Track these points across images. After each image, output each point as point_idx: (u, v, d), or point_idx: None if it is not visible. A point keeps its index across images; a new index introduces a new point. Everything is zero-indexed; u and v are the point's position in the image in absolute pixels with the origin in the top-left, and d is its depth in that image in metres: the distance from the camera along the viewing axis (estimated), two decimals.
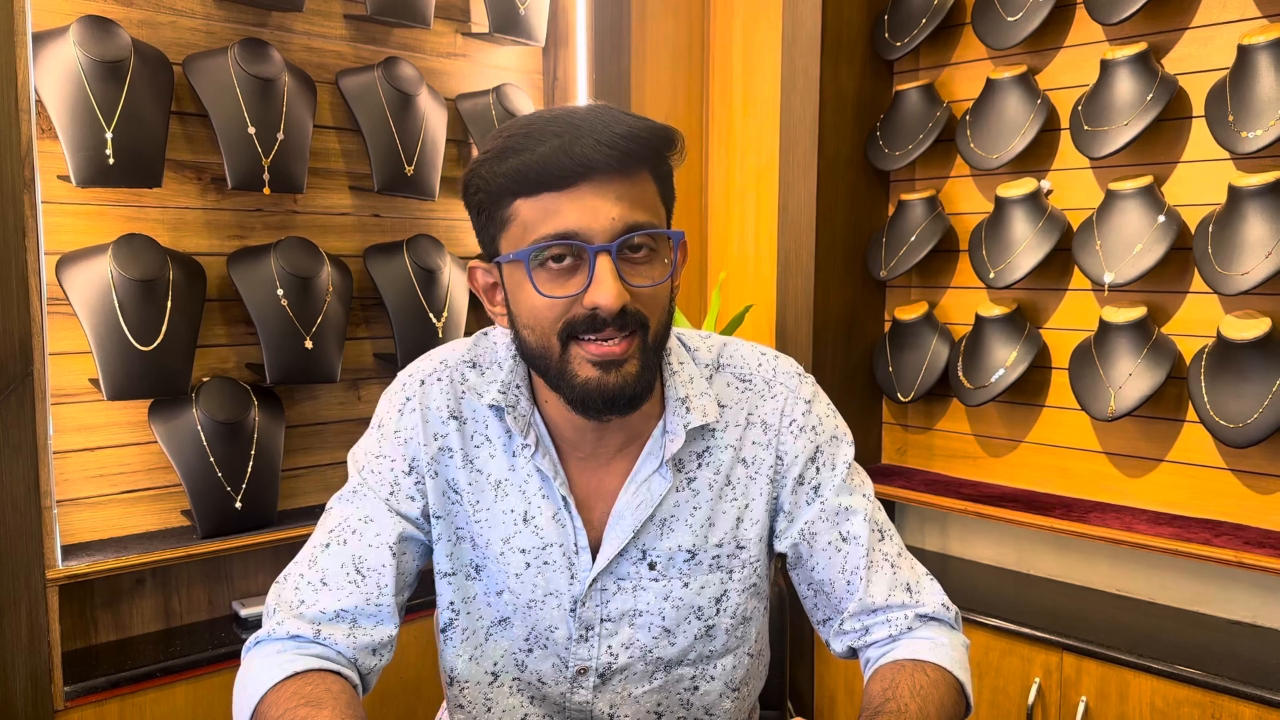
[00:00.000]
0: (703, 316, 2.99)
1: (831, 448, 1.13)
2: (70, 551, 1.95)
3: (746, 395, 1.13)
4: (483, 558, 1.11)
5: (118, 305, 1.90)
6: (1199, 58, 2.12)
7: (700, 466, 1.11)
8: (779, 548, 1.14)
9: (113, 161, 1.88)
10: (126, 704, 1.91)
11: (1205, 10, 2.11)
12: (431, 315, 2.34)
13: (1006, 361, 2.34)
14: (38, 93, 1.84)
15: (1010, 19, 2.29)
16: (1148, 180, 2.14)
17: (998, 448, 2.51)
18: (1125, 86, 2.12)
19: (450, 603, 1.13)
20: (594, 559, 1.09)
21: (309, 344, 2.12)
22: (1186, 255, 2.12)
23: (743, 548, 1.12)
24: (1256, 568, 1.89)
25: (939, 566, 2.51)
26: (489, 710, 1.15)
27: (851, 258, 2.62)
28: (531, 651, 1.12)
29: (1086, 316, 2.31)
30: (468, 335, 1.18)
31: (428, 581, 1.15)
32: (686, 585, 1.11)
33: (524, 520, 1.09)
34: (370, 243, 2.37)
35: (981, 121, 2.36)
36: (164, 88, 1.99)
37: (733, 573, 1.12)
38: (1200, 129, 2.10)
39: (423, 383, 1.12)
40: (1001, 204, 2.33)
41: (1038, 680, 2.08)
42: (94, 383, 1.95)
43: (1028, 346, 2.33)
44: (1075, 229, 2.25)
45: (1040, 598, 2.30)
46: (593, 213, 0.95)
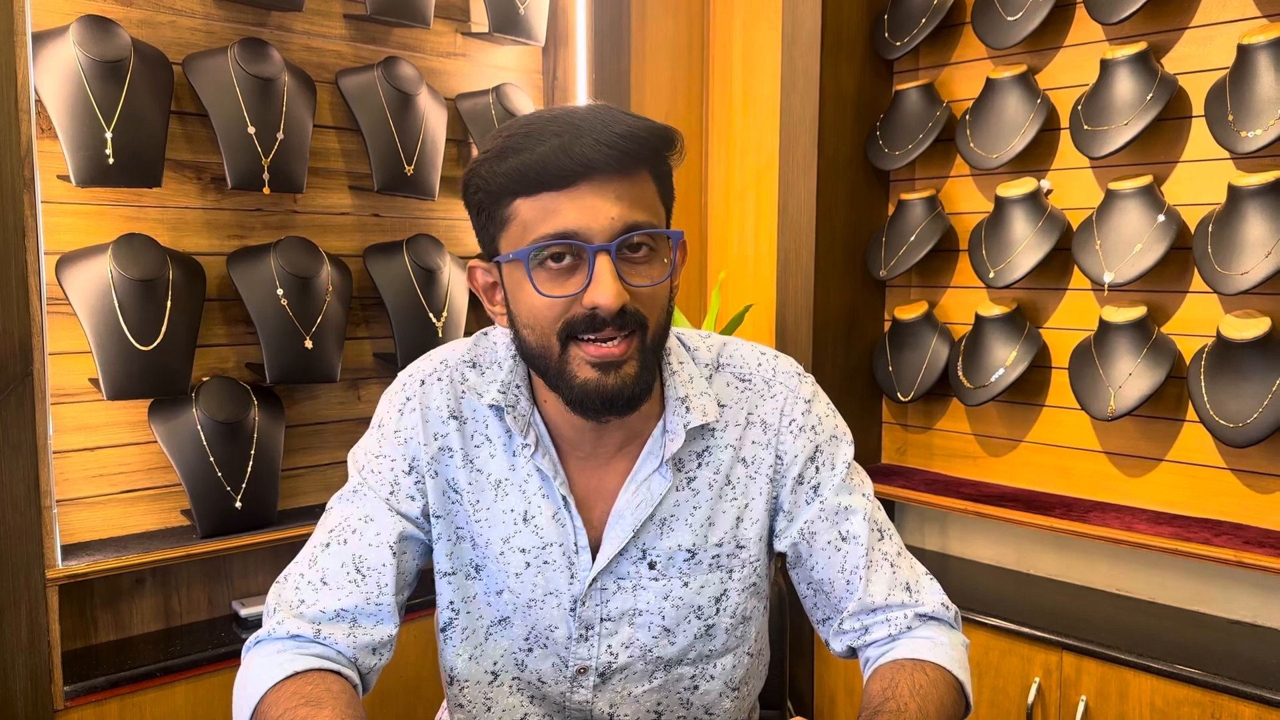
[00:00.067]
0: (702, 316, 2.99)
1: (831, 447, 1.13)
2: (70, 551, 1.95)
3: (746, 395, 1.13)
4: (483, 557, 1.11)
5: (117, 305, 1.90)
6: (1199, 57, 2.12)
7: (700, 466, 1.11)
8: (779, 547, 1.14)
9: (112, 161, 1.88)
10: (126, 704, 1.91)
11: (1205, 10, 2.11)
12: (431, 315, 2.34)
13: (1006, 361, 2.34)
14: (37, 92, 1.84)
15: (1010, 18, 2.29)
16: (1147, 180, 2.14)
17: (998, 447, 2.51)
18: (1125, 86, 2.12)
19: (450, 602, 1.13)
20: (594, 558, 1.09)
21: (309, 344, 2.12)
22: (1186, 255, 2.12)
23: (742, 547, 1.12)
24: (1256, 567, 1.89)
25: (939, 566, 2.51)
26: (489, 709, 1.15)
27: (851, 257, 2.62)
28: (531, 651, 1.12)
29: (1086, 316, 2.31)
30: (468, 335, 1.18)
31: (427, 581, 1.15)
32: (686, 585, 1.11)
33: (524, 520, 1.09)
34: (370, 242, 2.37)
35: (981, 121, 2.36)
36: (164, 87, 1.99)
37: (732, 572, 1.12)
38: (1200, 129, 2.10)
39: (423, 383, 1.12)
40: (1001, 204, 2.33)
41: (1037, 680, 2.08)
42: (94, 382, 1.95)
43: (1027, 346, 2.33)
44: (1075, 229, 2.25)
45: (1040, 597, 2.30)
46: (592, 212, 0.95)
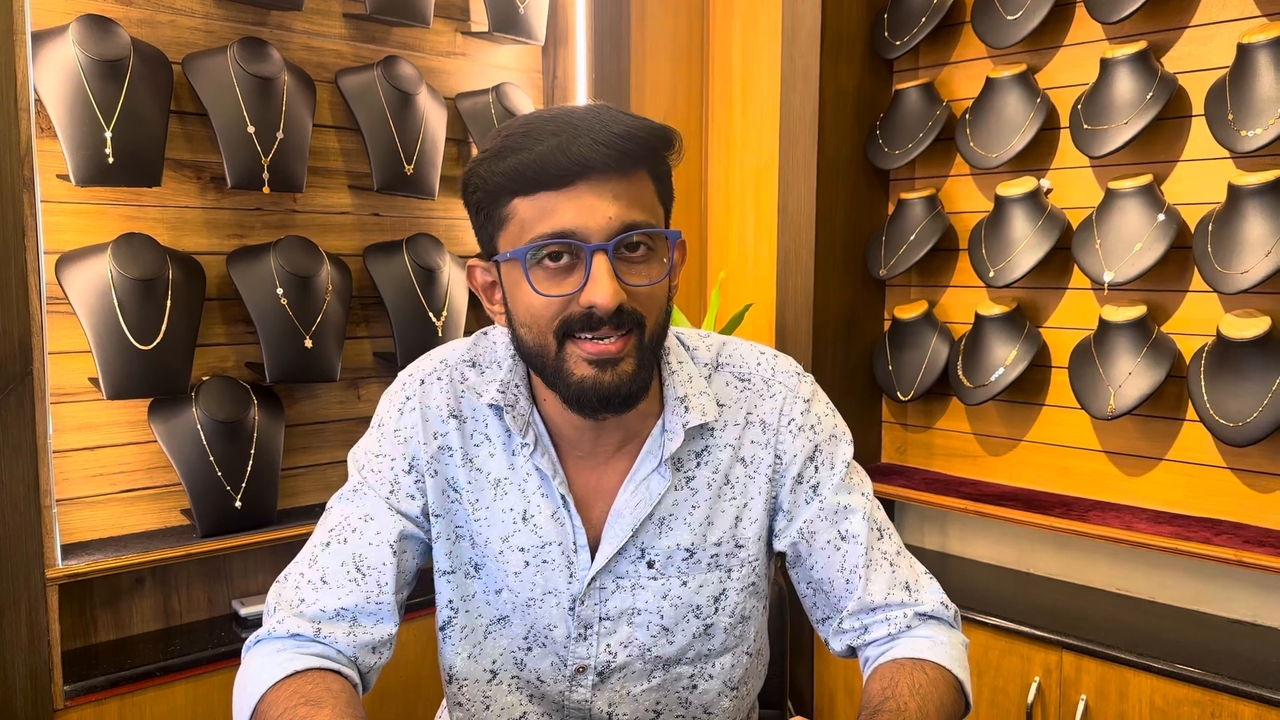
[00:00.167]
0: (702, 315, 2.99)
1: (830, 447, 1.13)
2: (70, 551, 1.95)
3: (745, 394, 1.13)
4: (482, 556, 1.11)
5: (117, 304, 1.90)
6: (1199, 56, 2.12)
7: (699, 465, 1.11)
8: (778, 547, 1.14)
9: (112, 160, 1.88)
10: (126, 703, 1.91)
11: (1205, 9, 2.11)
12: (431, 314, 2.34)
13: (1006, 360, 2.34)
14: (37, 92, 1.84)
15: (1010, 18, 2.28)
16: (1147, 179, 2.13)
17: (997, 447, 2.51)
18: (1125, 85, 2.12)
19: (449, 601, 1.13)
20: (593, 558, 1.09)
21: (309, 343, 2.12)
22: (1186, 254, 2.12)
23: (741, 547, 1.12)
24: (1256, 566, 1.89)
25: (938, 565, 2.51)
26: (487, 708, 1.15)
27: (851, 257, 2.62)
28: (530, 650, 1.12)
29: (1086, 315, 2.31)
30: (467, 334, 1.18)
31: (427, 580, 1.16)
32: (685, 584, 1.11)
33: (523, 519, 1.09)
34: (370, 242, 2.37)
35: (981, 120, 2.36)
36: (163, 87, 1.99)
37: (731, 571, 1.12)
38: (1200, 128, 2.10)
39: (422, 382, 1.12)
40: (1001, 203, 2.33)
41: (1037, 679, 2.08)
42: (94, 382, 1.95)
43: (1027, 345, 2.33)
44: (1075, 228, 2.25)
45: (1040, 597, 2.30)
46: (590, 212, 0.95)
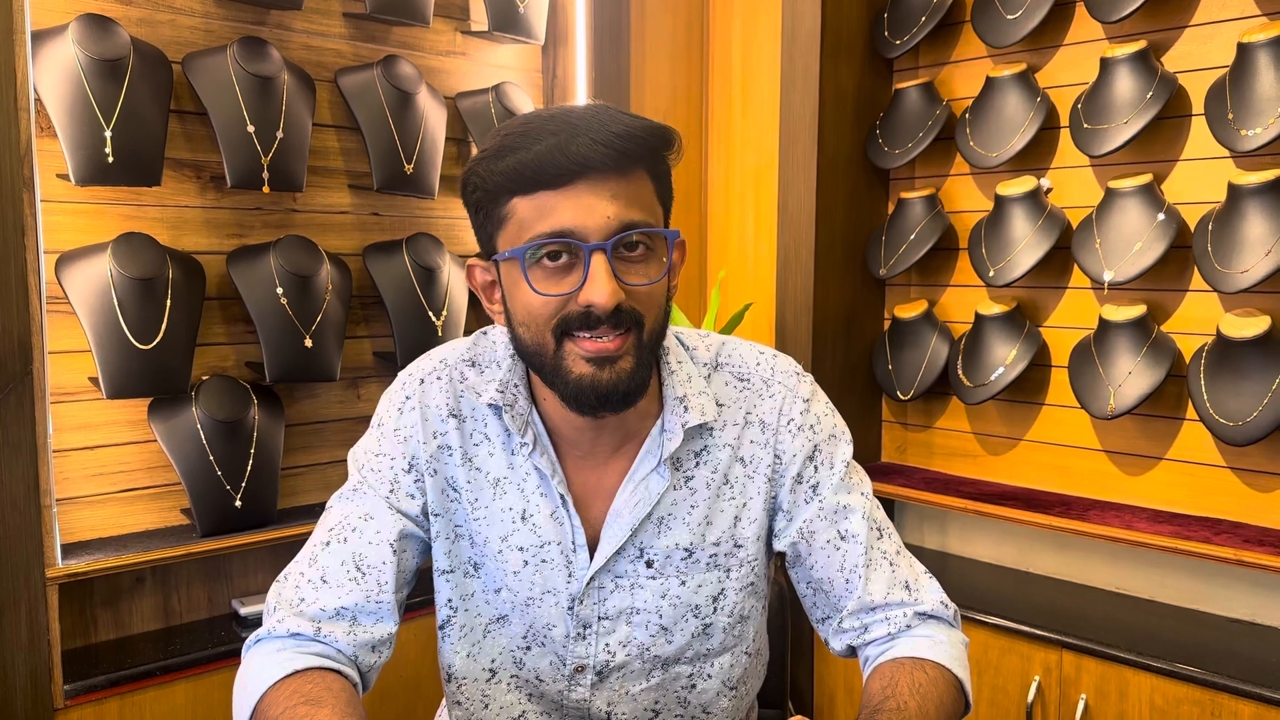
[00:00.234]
0: (702, 315, 2.99)
1: (830, 446, 1.13)
2: (70, 550, 1.95)
3: (745, 394, 1.13)
4: (481, 555, 1.11)
5: (117, 304, 1.90)
6: (1198, 56, 2.12)
7: (698, 465, 1.11)
8: (778, 546, 1.14)
9: (112, 160, 1.88)
10: (126, 702, 1.91)
11: (1205, 8, 2.11)
12: (431, 314, 2.34)
13: (1006, 360, 2.34)
14: (37, 91, 1.84)
15: (1010, 17, 2.28)
16: (1147, 178, 2.13)
17: (997, 446, 2.51)
18: (1125, 85, 2.12)
19: (448, 600, 1.13)
20: (592, 557, 1.09)
21: (308, 343, 2.12)
22: (1186, 253, 2.12)
23: (740, 546, 1.12)
24: (1256, 566, 1.89)
25: (938, 565, 2.51)
26: (486, 707, 1.15)
27: (851, 256, 2.62)
28: (529, 649, 1.12)
29: (1086, 315, 2.31)
30: (467, 334, 1.18)
31: (427, 579, 1.16)
32: (684, 584, 1.11)
33: (522, 518, 1.10)
34: (370, 241, 2.37)
35: (981, 120, 2.36)
36: (163, 86, 1.99)
37: (730, 571, 1.12)
38: (1200, 127, 2.10)
39: (422, 381, 1.12)
40: (1001, 202, 2.33)
41: (1037, 678, 2.08)
42: (93, 381, 1.95)
43: (1027, 345, 2.33)
44: (1075, 227, 2.25)
45: (1040, 596, 2.30)
46: (588, 211, 0.95)
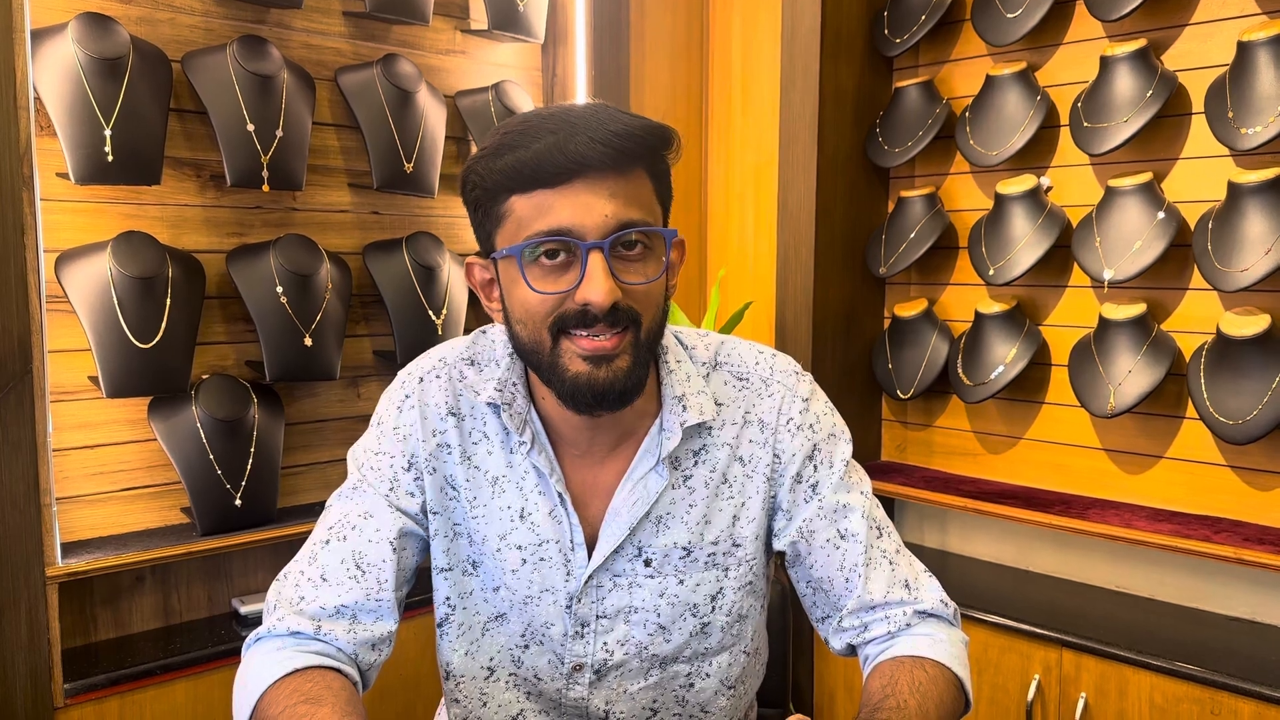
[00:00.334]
0: (702, 313, 2.99)
1: (829, 445, 1.13)
2: (70, 549, 1.95)
3: (744, 393, 1.13)
4: (480, 554, 1.11)
5: (117, 303, 1.90)
6: (1199, 54, 2.12)
7: (697, 464, 1.11)
8: (777, 546, 1.14)
9: (111, 159, 1.88)
10: (126, 701, 1.91)
11: (1205, 7, 2.11)
12: (431, 313, 2.33)
13: (1006, 358, 2.34)
14: (36, 90, 1.84)
15: (1010, 16, 2.28)
16: (1147, 177, 2.13)
17: (997, 445, 2.51)
18: (1125, 83, 2.12)
19: (447, 598, 1.13)
20: (590, 556, 1.09)
21: (308, 341, 2.12)
22: (1186, 252, 2.12)
23: (739, 545, 1.12)
24: (1255, 564, 1.89)
25: (938, 563, 2.51)
26: (485, 705, 1.15)
27: (851, 254, 2.62)
28: (528, 647, 1.12)
29: (1086, 313, 2.31)
30: (467, 333, 1.18)
31: (428, 578, 1.16)
32: (682, 582, 1.11)
33: (520, 517, 1.10)
34: (369, 240, 2.37)
35: (981, 118, 2.36)
36: (163, 85, 1.99)
37: (728, 570, 1.12)
38: (1200, 125, 2.10)
39: (421, 380, 1.12)
40: (1001, 201, 2.33)
41: (1037, 677, 2.08)
42: (93, 380, 1.95)
43: (1027, 343, 2.33)
44: (1075, 226, 2.25)
45: (1039, 594, 2.30)
46: (586, 209, 0.95)
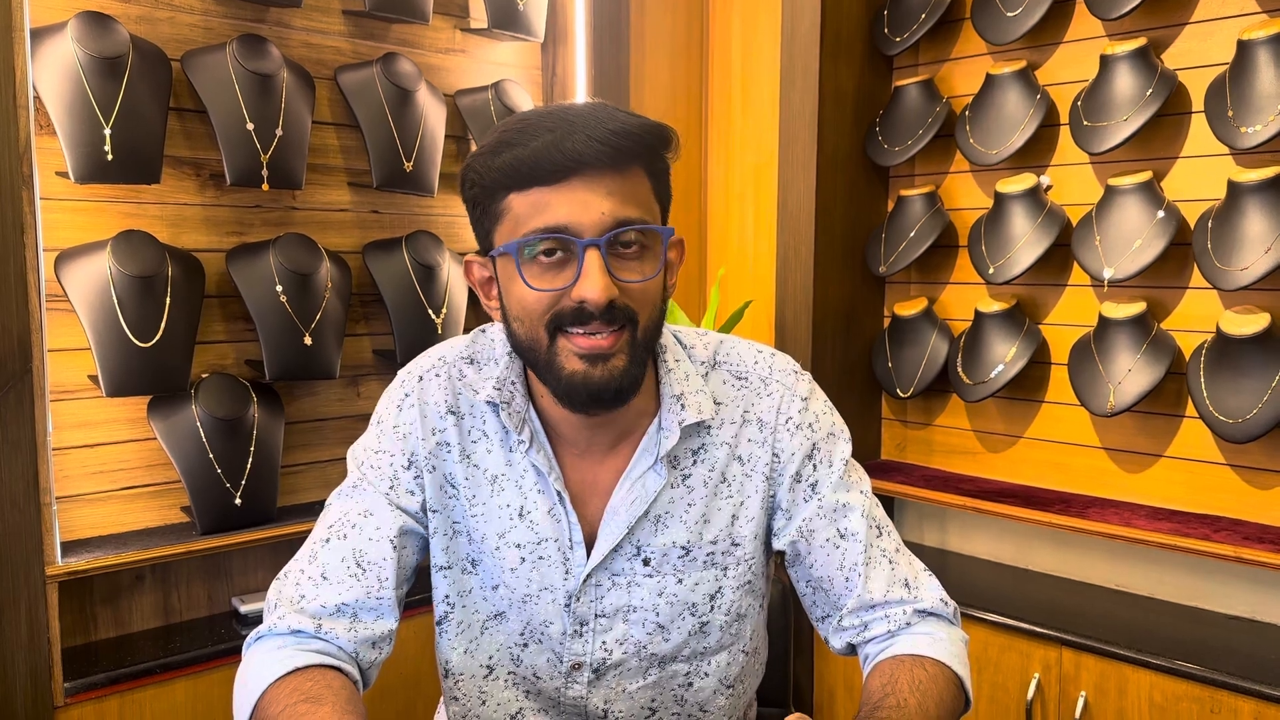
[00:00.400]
0: (702, 312, 2.99)
1: (828, 445, 1.13)
2: (70, 548, 1.95)
3: (743, 393, 1.13)
4: (479, 552, 1.11)
5: (116, 302, 1.90)
6: (1199, 53, 2.12)
7: (695, 463, 1.11)
8: (777, 545, 1.14)
9: (111, 158, 1.88)
10: (126, 700, 1.91)
11: (1205, 5, 2.10)
12: (430, 312, 2.33)
13: (1006, 357, 2.34)
14: (36, 89, 1.84)
15: (1010, 14, 2.28)
16: (1147, 176, 2.13)
17: (997, 443, 2.51)
18: (1125, 82, 2.12)
19: (446, 596, 1.14)
20: (589, 554, 1.09)
21: (308, 340, 2.12)
22: (1186, 251, 2.12)
23: (738, 545, 1.12)
24: (1255, 563, 1.89)
25: (938, 562, 2.51)
26: (484, 703, 1.15)
27: (851, 253, 2.62)
28: (527, 646, 1.12)
29: (1086, 312, 2.31)
30: (467, 332, 1.19)
31: (428, 576, 1.16)
32: (681, 581, 1.11)
33: (519, 515, 1.10)
34: (369, 239, 2.37)
35: (981, 117, 2.36)
36: (162, 84, 1.99)
37: (727, 570, 1.12)
38: (1200, 124, 2.10)
39: (421, 379, 1.13)
40: (1001, 200, 2.33)
41: (1037, 675, 2.08)
42: (93, 379, 1.95)
43: (1027, 342, 2.33)
44: (1075, 224, 2.25)
45: (1039, 593, 2.30)
46: (583, 207, 0.95)
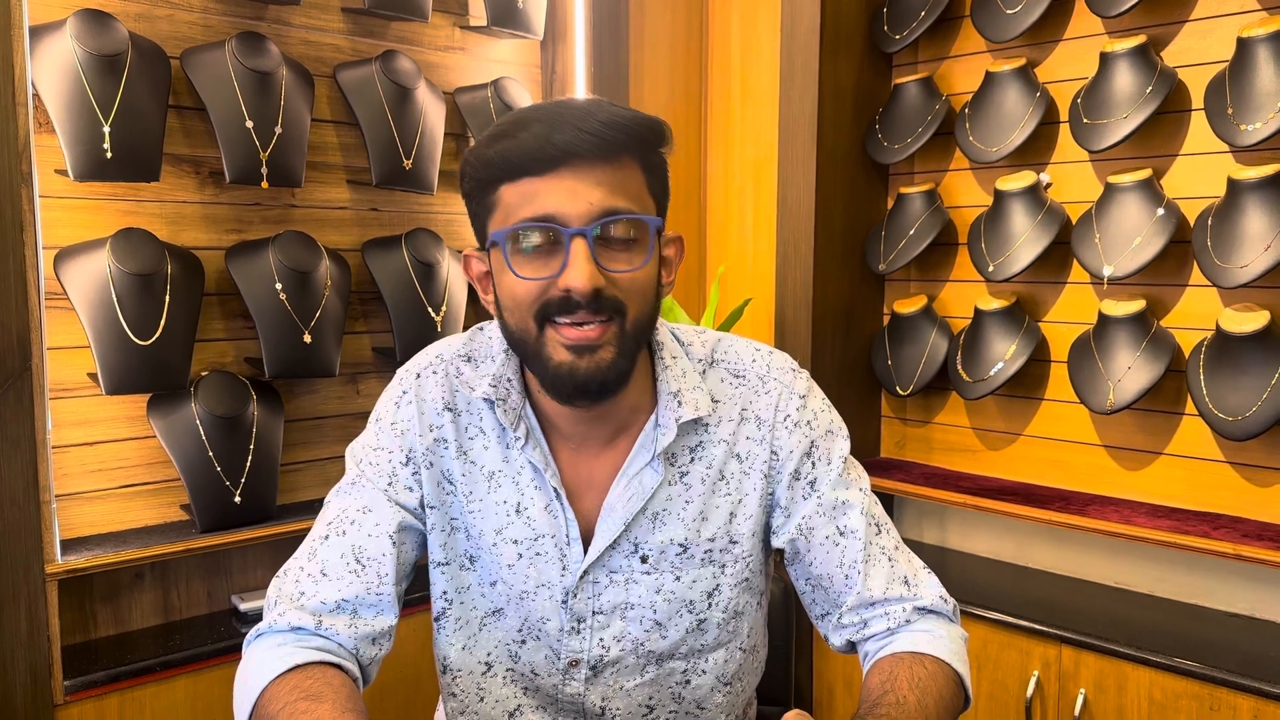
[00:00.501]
0: (701, 310, 2.99)
1: (827, 442, 1.13)
2: (69, 546, 1.95)
3: (740, 390, 1.13)
4: (476, 548, 1.12)
5: (116, 300, 1.90)
6: (1198, 50, 2.12)
7: (693, 461, 1.11)
8: (776, 543, 1.14)
9: (110, 155, 1.88)
10: (126, 698, 1.92)
11: (1205, 3, 2.10)
12: (430, 309, 2.33)
13: (1005, 355, 2.34)
14: (35, 87, 1.84)
15: (1009, 12, 2.28)
16: (1147, 173, 2.13)
17: (996, 441, 2.51)
18: (1124, 79, 2.12)
19: (444, 592, 1.14)
20: (586, 551, 1.09)
21: (307, 338, 2.12)
22: (1185, 248, 2.12)
23: (735, 542, 1.12)
24: (1254, 560, 1.89)
25: (937, 560, 2.51)
26: (481, 700, 1.15)
27: (850, 251, 2.62)
28: (524, 643, 1.12)
29: (1085, 310, 2.31)
30: (466, 330, 1.19)
31: (426, 574, 1.16)
32: (678, 579, 1.11)
33: (516, 511, 1.10)
34: (368, 237, 2.37)
35: (981, 115, 2.36)
36: (161, 81, 1.99)
37: (725, 567, 1.12)
38: (1199, 122, 2.10)
39: (418, 376, 1.13)
40: (1001, 197, 2.33)
41: (1036, 673, 2.08)
42: (92, 377, 1.95)
43: (1027, 340, 2.33)
44: (1074, 222, 2.25)
45: (1039, 591, 2.30)
46: (571, 197, 0.96)
